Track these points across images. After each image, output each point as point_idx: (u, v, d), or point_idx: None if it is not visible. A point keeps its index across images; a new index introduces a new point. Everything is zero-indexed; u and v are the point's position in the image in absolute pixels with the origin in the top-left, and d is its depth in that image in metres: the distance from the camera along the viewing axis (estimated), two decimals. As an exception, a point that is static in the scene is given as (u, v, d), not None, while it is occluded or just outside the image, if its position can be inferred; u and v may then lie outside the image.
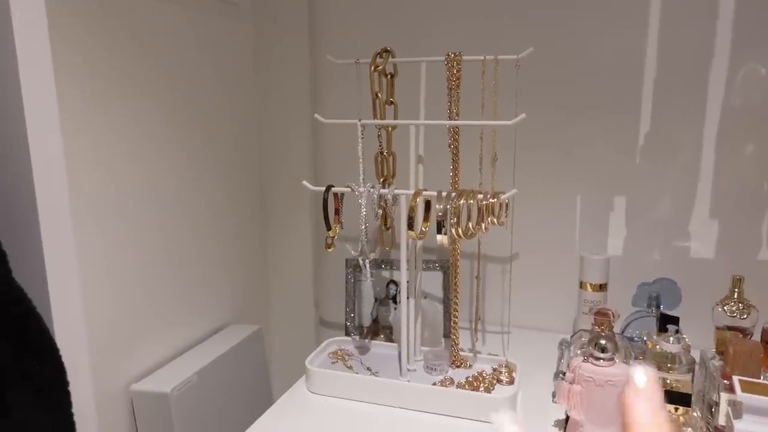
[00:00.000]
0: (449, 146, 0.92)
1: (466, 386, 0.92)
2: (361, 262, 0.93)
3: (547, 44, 1.12)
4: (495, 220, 0.83)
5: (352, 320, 1.26)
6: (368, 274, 0.96)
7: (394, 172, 0.99)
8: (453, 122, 0.88)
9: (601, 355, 0.75)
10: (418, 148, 0.92)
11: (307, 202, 1.35)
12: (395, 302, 1.25)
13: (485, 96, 0.90)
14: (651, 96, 1.10)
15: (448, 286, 1.23)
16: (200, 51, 1.12)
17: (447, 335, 1.21)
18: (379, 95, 0.94)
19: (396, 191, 0.88)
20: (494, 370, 0.98)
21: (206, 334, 1.19)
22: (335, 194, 0.93)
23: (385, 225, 0.98)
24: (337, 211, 0.95)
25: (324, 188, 0.92)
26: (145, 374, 1.00)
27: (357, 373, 0.98)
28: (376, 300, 1.26)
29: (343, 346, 1.10)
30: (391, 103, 0.96)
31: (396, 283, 1.25)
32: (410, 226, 0.85)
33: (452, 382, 0.94)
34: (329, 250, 0.94)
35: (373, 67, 0.92)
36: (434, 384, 0.92)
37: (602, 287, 1.05)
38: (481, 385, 0.92)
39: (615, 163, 1.15)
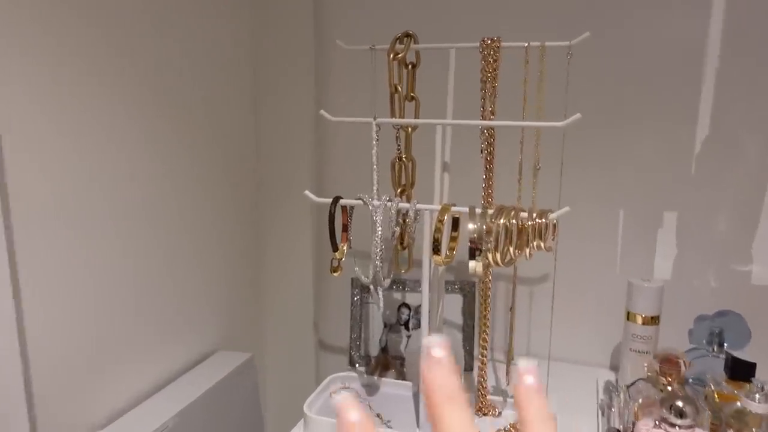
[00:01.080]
0: (482, 152, 0.76)
1: (499, 443, 0.76)
2: (373, 290, 0.77)
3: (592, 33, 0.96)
4: (542, 245, 0.67)
5: (357, 348, 1.09)
6: (381, 305, 0.80)
7: (413, 181, 0.83)
8: (491, 123, 0.72)
9: (679, 422, 0.59)
10: (444, 153, 0.76)
11: (307, 210, 1.19)
12: (407, 328, 1.09)
13: (527, 91, 0.74)
14: (711, 94, 0.94)
15: (469, 311, 1.07)
16: (184, 35, 0.96)
17: (468, 369, 1.06)
18: (399, 89, 0.77)
19: (419, 206, 0.72)
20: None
21: (188, 365, 1.03)
22: (343, 208, 0.77)
23: (401, 244, 0.82)
24: (345, 227, 0.79)
25: (331, 200, 0.76)
26: (109, 420, 0.84)
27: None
28: (385, 325, 1.09)
29: (348, 383, 0.94)
30: (412, 98, 0.80)
31: (409, 307, 1.09)
32: (435, 249, 0.69)
33: (481, 436, 0.78)
34: (335, 274, 0.78)
35: (392, 55, 0.76)
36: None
37: (654, 320, 0.89)
38: (517, 441, 0.76)
39: (665, 173, 0.99)
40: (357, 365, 1.09)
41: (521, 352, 1.12)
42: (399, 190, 0.81)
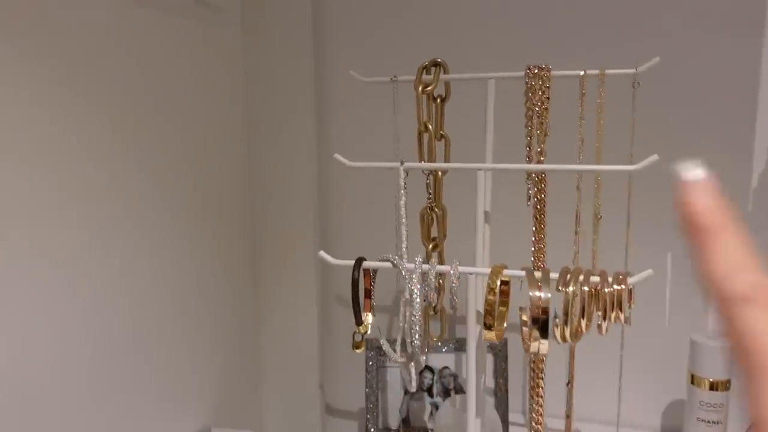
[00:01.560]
0: (530, 199, 0.64)
1: None
2: (406, 372, 0.63)
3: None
4: (621, 317, 0.55)
5: (374, 420, 0.95)
6: (414, 385, 0.66)
7: (445, 233, 0.71)
8: (550, 167, 0.60)
9: None
10: (485, 201, 0.64)
11: (310, 264, 1.06)
12: (431, 395, 0.95)
13: (583, 129, 0.62)
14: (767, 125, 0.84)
15: (501, 372, 0.94)
16: (169, 65, 0.83)
17: (503, 440, 0.92)
18: (429, 127, 0.66)
19: (463, 269, 0.60)
20: None
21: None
22: (366, 271, 0.64)
23: (434, 309, 0.69)
24: (368, 293, 0.67)
25: (353, 262, 0.63)
26: None
27: None
28: (406, 392, 0.96)
29: (371, 470, 0.79)
30: (442, 137, 0.68)
31: (432, 371, 0.96)
32: (487, 323, 0.56)
33: None
34: (359, 351, 0.65)
35: (420, 88, 0.64)
36: None
37: (725, 385, 0.77)
38: None
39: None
40: (375, 440, 0.95)
41: (556, 413, 0.98)
42: (431, 246, 0.69)
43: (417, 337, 0.57)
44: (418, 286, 0.58)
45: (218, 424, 0.98)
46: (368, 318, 0.66)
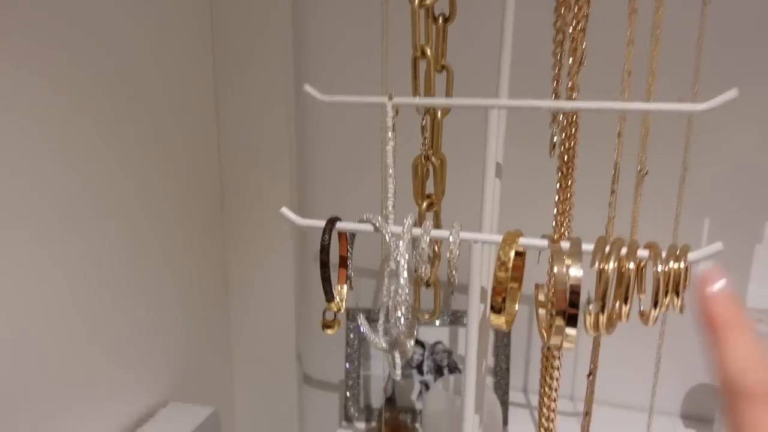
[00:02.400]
0: (554, 148, 0.50)
1: None
2: (391, 358, 0.51)
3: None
4: (677, 304, 0.42)
5: (355, 399, 0.84)
6: (399, 373, 0.54)
7: (443, 191, 0.57)
8: (586, 104, 0.45)
9: None
10: (497, 150, 0.50)
11: (284, 219, 0.92)
12: (421, 372, 0.84)
13: (632, 58, 0.48)
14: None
15: (502, 350, 0.82)
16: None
17: (505, 423, 0.81)
18: (427, 53, 0.51)
19: (466, 235, 0.46)
20: None
21: (127, 426, 0.76)
22: (342, 235, 0.51)
23: (426, 283, 0.56)
24: (343, 261, 0.53)
25: (324, 223, 0.49)
26: None
27: None
28: (392, 370, 0.84)
29: (348, 461, 0.68)
30: (443, 68, 0.53)
31: (423, 345, 0.84)
32: (496, 306, 0.43)
33: None
34: (330, 331, 0.52)
35: (417, 1, 0.49)
36: None
37: None
38: None
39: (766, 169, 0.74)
40: (354, 422, 0.84)
41: (563, 393, 0.87)
42: (425, 205, 0.55)
43: (402, 320, 0.44)
44: (406, 256, 0.44)
45: (182, 397, 0.87)
46: (343, 292, 0.53)
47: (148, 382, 0.81)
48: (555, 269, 0.42)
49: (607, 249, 0.42)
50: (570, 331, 0.41)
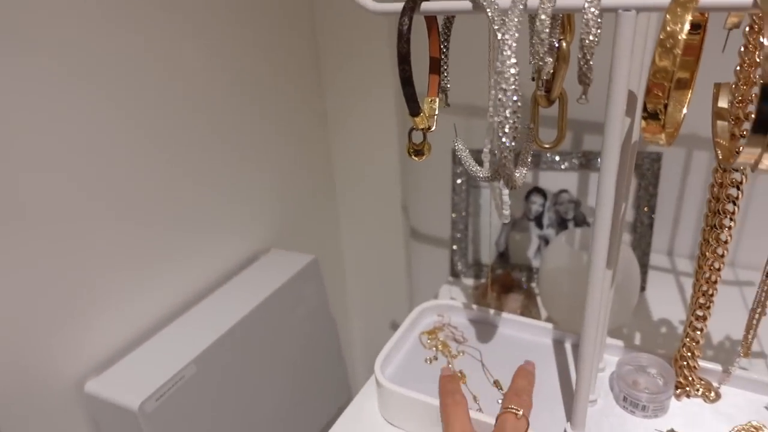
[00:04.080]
0: None
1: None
2: (495, 191, 0.39)
3: None
4: None
5: (462, 254, 0.74)
6: (507, 212, 0.42)
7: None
8: None
9: None
10: None
11: (384, 44, 0.78)
12: (540, 226, 0.71)
13: None
14: None
15: (647, 200, 0.66)
16: None
17: (642, 288, 0.68)
18: None
19: (610, 1, 0.30)
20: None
21: (224, 271, 0.75)
22: (431, 21, 0.37)
23: (548, 93, 0.41)
24: (435, 65, 0.40)
25: (402, 4, 0.36)
26: (107, 362, 0.59)
27: (473, 394, 0.49)
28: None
29: (449, 315, 0.60)
30: None
31: (543, 194, 0.70)
32: (651, 111, 0.28)
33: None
34: (417, 158, 0.41)
35: None
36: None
37: None
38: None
39: None
40: (462, 277, 0.75)
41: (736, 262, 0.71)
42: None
43: (508, 130, 0.30)
44: (516, 34, 0.30)
45: (286, 245, 0.84)
46: (434, 106, 0.40)
47: (253, 228, 0.78)
48: (766, 38, 0.25)
49: None
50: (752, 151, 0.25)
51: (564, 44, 0.39)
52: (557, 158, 0.68)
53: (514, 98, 0.30)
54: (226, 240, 0.74)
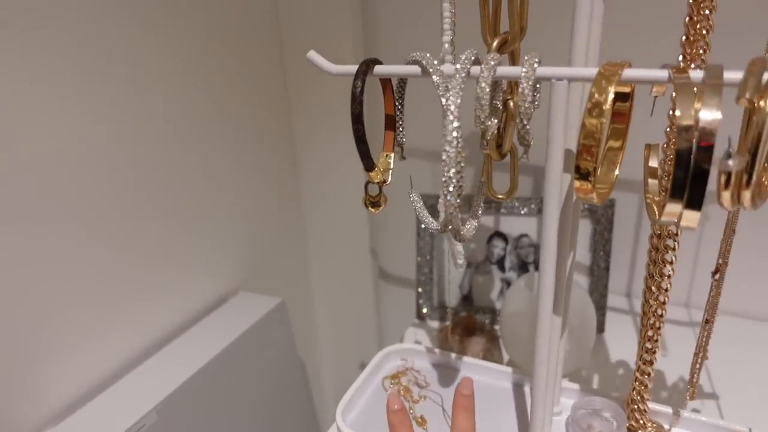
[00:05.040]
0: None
1: None
2: (452, 242, 0.40)
3: None
4: None
5: (427, 296, 0.76)
6: (461, 261, 0.44)
7: (524, 25, 0.42)
8: None
9: None
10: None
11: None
12: (502, 269, 0.73)
13: None
14: None
15: (602, 245, 0.69)
16: None
17: (599, 330, 0.70)
18: None
19: (543, 70, 0.33)
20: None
21: (191, 314, 0.74)
22: (386, 83, 0.40)
23: (499, 148, 0.43)
24: (390, 122, 0.42)
25: (356, 67, 0.38)
26: (66, 410, 0.58)
27: (436, 444, 0.49)
28: (469, 265, 0.74)
29: (412, 359, 0.61)
30: None
31: (504, 238, 0.72)
32: (582, 169, 0.31)
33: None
34: (374, 210, 0.43)
35: None
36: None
37: None
38: None
39: None
40: (427, 320, 0.76)
41: (691, 303, 0.73)
42: (496, 43, 0.41)
43: (452, 189, 0.32)
44: (458, 100, 0.32)
45: (255, 287, 0.84)
46: (389, 160, 0.42)
47: (222, 270, 0.79)
48: (678, 110, 0.28)
49: (766, 76, 0.27)
50: (693, 202, 0.28)
51: (511, 103, 0.41)
52: (517, 204, 0.71)
53: (458, 159, 0.32)
54: (194, 282, 0.74)
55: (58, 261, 0.56)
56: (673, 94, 0.37)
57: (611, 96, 0.30)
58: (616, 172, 0.34)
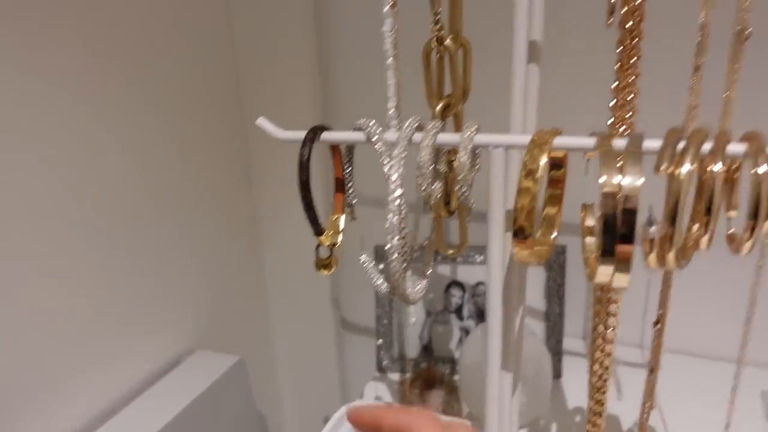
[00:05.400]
0: (613, 13, 0.36)
1: None
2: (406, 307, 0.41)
3: None
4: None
5: (387, 348, 0.75)
6: (411, 321, 0.44)
7: (467, 87, 0.44)
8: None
9: None
10: (531, 25, 0.36)
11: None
12: (461, 318, 0.74)
13: None
14: None
15: (555, 291, 0.70)
16: None
17: (556, 376, 0.70)
18: None
19: (481, 139, 0.34)
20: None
21: (145, 376, 0.72)
22: (335, 150, 0.41)
23: (447, 206, 0.45)
24: (339, 185, 0.43)
25: (305, 133, 0.39)
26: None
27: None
28: (428, 314, 0.74)
29: (372, 417, 0.60)
30: None
31: (462, 287, 0.73)
32: (520, 230, 0.32)
33: None
34: (324, 271, 0.43)
35: None
36: None
37: None
38: None
39: None
40: (388, 372, 0.75)
41: (644, 344, 0.75)
42: (440, 107, 0.43)
43: (396, 255, 0.33)
44: (400, 170, 0.33)
45: (213, 345, 0.82)
46: (339, 222, 0.43)
47: (177, 329, 0.77)
48: (603, 177, 0.29)
49: (682, 145, 0.29)
50: (621, 264, 0.29)
51: (456, 164, 0.43)
52: (472, 252, 0.72)
53: (402, 226, 0.33)
54: (148, 342, 0.72)
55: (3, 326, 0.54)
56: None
57: (543, 162, 0.31)
58: (555, 233, 0.35)
